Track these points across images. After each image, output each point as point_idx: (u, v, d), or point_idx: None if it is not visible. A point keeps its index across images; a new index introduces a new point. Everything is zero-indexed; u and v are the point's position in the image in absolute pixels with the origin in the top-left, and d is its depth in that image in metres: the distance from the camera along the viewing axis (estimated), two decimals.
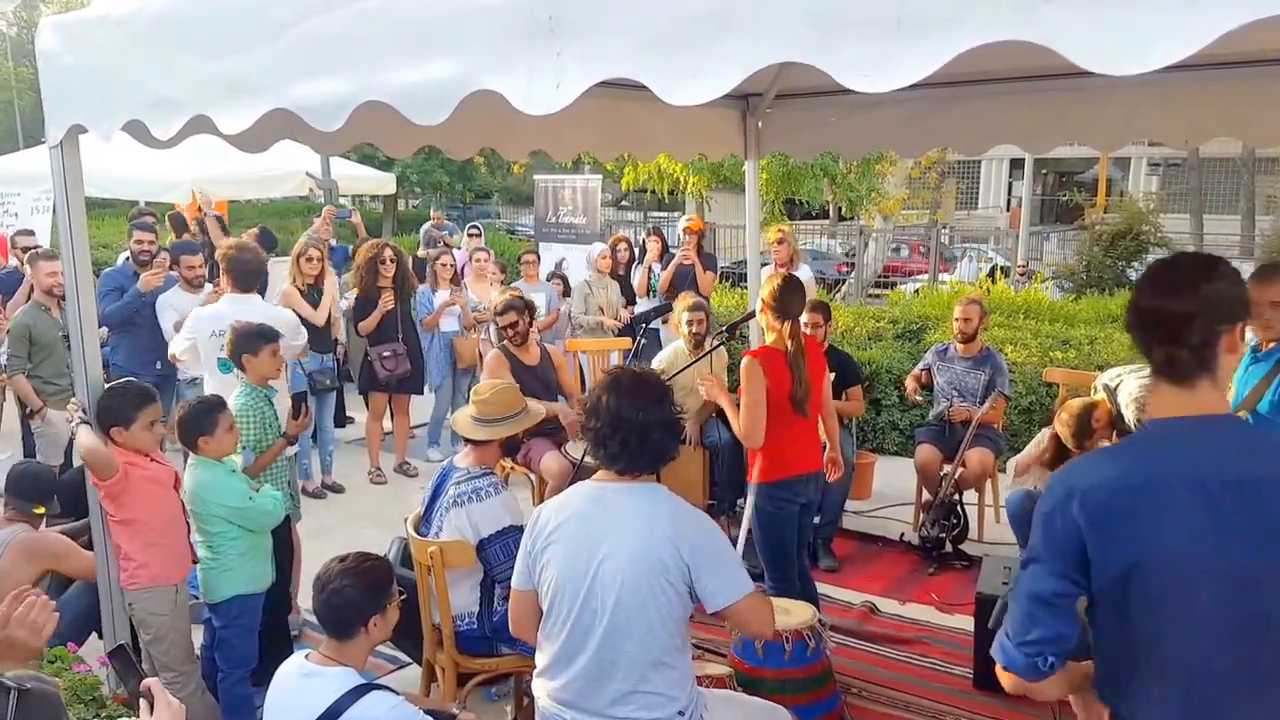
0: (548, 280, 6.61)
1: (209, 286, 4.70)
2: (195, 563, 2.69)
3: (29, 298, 4.76)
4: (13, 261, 6.32)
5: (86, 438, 2.49)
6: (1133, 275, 11.58)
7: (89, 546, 2.73)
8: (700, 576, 1.81)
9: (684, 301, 4.67)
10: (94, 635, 2.85)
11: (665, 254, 6.15)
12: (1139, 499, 1.25)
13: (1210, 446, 1.28)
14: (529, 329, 4.37)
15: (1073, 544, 1.28)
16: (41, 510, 2.81)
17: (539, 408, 2.93)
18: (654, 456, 1.89)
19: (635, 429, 1.85)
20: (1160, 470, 1.27)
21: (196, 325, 3.81)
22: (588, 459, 2.84)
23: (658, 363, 4.62)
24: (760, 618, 1.91)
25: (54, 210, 5.97)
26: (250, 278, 3.90)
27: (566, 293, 6.37)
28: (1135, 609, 1.27)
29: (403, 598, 2.06)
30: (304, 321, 4.86)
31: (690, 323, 4.52)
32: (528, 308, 4.41)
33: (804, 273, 5.51)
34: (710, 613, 1.87)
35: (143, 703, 1.34)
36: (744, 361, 2.90)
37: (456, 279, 5.91)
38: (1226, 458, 1.26)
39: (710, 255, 6.27)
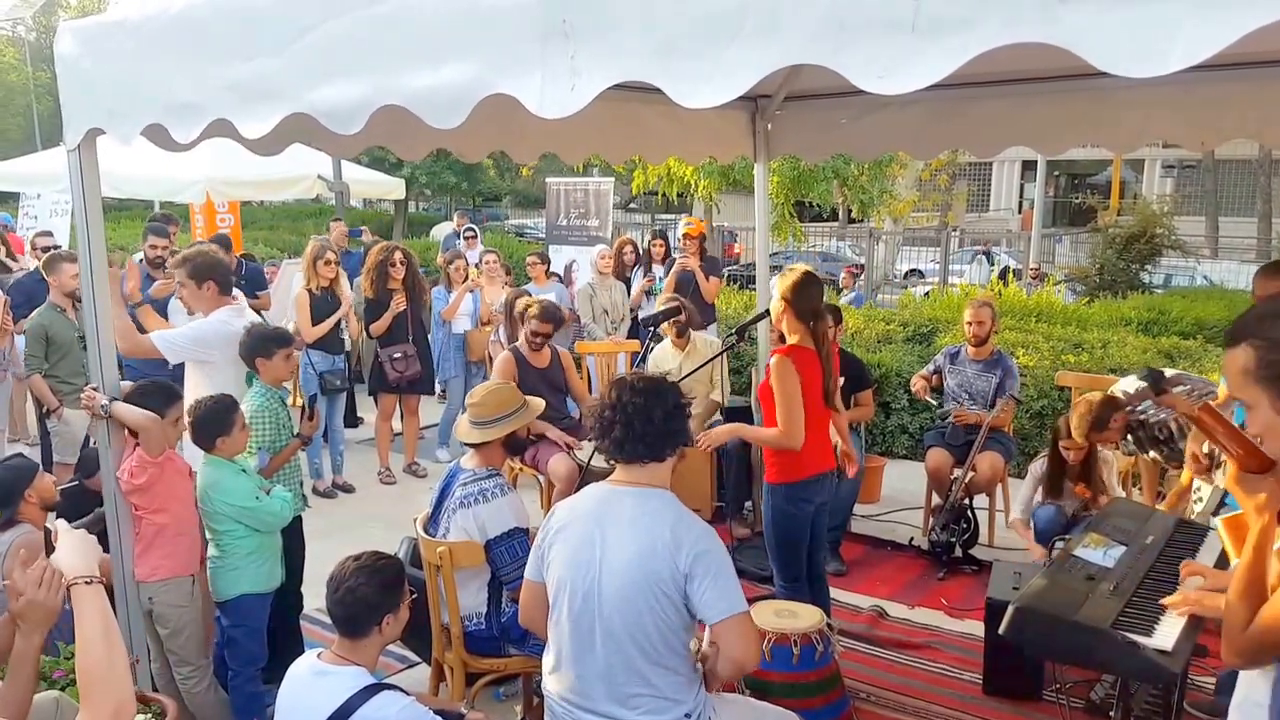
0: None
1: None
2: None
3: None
4: (33, 263, 6.38)
5: (131, 413, 2.53)
6: (1146, 278, 11.47)
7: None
8: (697, 585, 1.80)
9: (663, 295, 4.71)
10: None
11: (668, 259, 6.11)
12: None
13: None
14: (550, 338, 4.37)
15: None
16: None
17: (539, 404, 2.92)
18: (658, 438, 1.88)
19: (637, 411, 1.86)
20: None
21: (225, 342, 3.10)
22: (596, 461, 2.85)
23: (651, 366, 4.62)
24: (748, 642, 1.87)
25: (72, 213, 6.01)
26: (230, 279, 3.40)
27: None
28: None
29: (414, 597, 2.07)
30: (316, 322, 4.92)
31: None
32: (559, 321, 4.37)
33: None
34: (707, 626, 1.85)
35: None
36: (774, 360, 2.81)
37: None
38: None
39: (714, 259, 6.20)
